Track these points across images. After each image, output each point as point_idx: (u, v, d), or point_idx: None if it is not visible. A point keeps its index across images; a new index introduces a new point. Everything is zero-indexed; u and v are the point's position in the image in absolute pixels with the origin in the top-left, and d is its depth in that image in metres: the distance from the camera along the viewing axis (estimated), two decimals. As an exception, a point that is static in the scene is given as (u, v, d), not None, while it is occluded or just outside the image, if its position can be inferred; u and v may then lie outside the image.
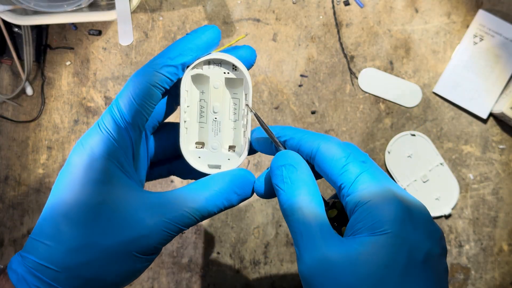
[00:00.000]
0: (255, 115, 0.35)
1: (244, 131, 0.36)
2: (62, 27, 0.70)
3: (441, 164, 0.69)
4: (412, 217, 0.29)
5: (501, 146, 0.70)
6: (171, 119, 0.39)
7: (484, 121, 0.70)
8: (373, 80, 0.70)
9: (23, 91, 0.70)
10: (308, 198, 0.31)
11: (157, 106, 0.36)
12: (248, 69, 0.37)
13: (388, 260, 0.27)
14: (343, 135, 0.70)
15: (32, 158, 0.70)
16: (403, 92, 0.70)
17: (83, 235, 0.30)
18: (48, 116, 0.71)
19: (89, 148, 0.31)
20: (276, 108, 0.70)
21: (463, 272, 0.70)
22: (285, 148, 0.34)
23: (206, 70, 0.34)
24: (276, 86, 0.70)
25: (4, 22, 0.66)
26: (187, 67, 0.34)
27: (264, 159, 0.70)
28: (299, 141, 0.33)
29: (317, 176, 0.34)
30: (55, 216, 0.30)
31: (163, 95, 0.35)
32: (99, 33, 0.71)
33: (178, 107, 0.36)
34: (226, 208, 0.33)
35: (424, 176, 0.69)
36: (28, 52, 0.68)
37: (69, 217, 0.30)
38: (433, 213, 0.69)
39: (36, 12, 0.60)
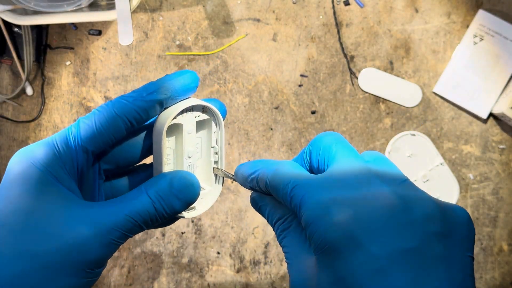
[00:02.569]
0: (224, 173, 0.36)
1: (215, 167, 0.36)
2: (62, 27, 0.70)
3: (441, 164, 0.69)
4: (365, 217, 0.27)
5: (501, 146, 0.70)
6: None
7: (484, 121, 0.70)
8: (373, 80, 0.70)
9: (23, 91, 0.70)
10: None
11: (122, 148, 0.35)
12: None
13: (331, 276, 0.27)
14: (343, 135, 0.70)
15: (32, 158, 0.70)
16: (403, 92, 0.70)
17: (14, 243, 0.29)
18: (48, 116, 0.71)
19: (31, 156, 0.31)
20: (276, 108, 0.70)
21: (463, 272, 0.70)
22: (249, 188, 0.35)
23: (180, 118, 0.34)
24: (276, 86, 0.70)
25: (4, 22, 0.66)
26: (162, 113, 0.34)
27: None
28: (257, 174, 0.33)
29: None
30: None
31: (133, 134, 0.35)
32: (99, 33, 0.71)
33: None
34: (170, 213, 0.32)
35: (424, 176, 0.69)
36: (28, 52, 0.68)
37: (1, 225, 0.29)
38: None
39: (36, 12, 0.60)
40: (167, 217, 0.32)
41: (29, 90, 0.70)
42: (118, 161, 0.36)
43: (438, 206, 0.28)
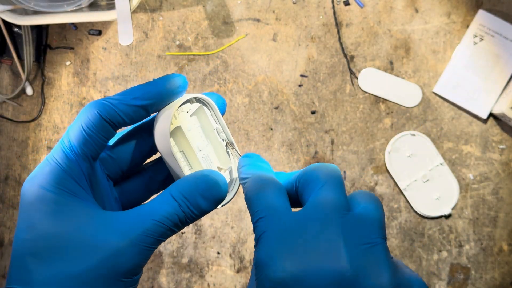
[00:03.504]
0: (236, 152, 0.37)
1: (229, 150, 0.37)
2: (62, 27, 0.70)
3: (441, 164, 0.69)
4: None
5: (501, 146, 0.70)
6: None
7: (484, 121, 0.70)
8: (373, 80, 0.70)
9: (23, 91, 0.70)
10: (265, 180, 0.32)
11: (121, 154, 0.35)
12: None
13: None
14: (343, 135, 0.70)
15: (32, 158, 0.70)
16: (403, 92, 0.70)
17: (49, 269, 0.29)
18: (48, 116, 0.71)
19: (39, 181, 0.30)
20: (276, 108, 0.70)
21: (463, 272, 0.70)
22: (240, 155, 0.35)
23: (175, 122, 0.34)
24: (276, 86, 0.70)
25: (4, 22, 0.66)
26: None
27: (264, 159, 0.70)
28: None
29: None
30: (17, 257, 0.29)
31: (130, 136, 0.35)
32: (99, 33, 0.71)
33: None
34: (199, 214, 0.32)
35: (424, 176, 0.69)
36: (28, 52, 0.68)
37: (31, 254, 0.29)
38: (433, 213, 0.69)
39: (36, 12, 0.60)
40: (197, 217, 0.32)
41: (29, 90, 0.70)
42: (121, 166, 0.36)
43: (392, 280, 0.26)
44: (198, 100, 0.35)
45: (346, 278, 0.25)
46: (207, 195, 0.32)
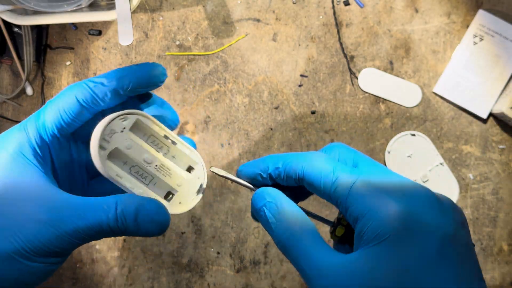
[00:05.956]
0: (218, 175, 0.36)
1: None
2: (62, 27, 0.70)
3: (441, 164, 0.69)
4: (414, 209, 0.28)
5: (501, 146, 0.70)
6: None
7: (484, 121, 0.70)
8: (373, 80, 0.70)
9: (23, 91, 0.70)
10: (297, 232, 0.30)
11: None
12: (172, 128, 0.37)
13: (396, 265, 0.26)
14: (343, 135, 0.70)
15: (32, 158, 0.70)
16: (403, 92, 0.70)
17: None
18: (48, 116, 0.71)
19: (4, 145, 0.31)
20: (276, 108, 0.70)
21: (463, 272, 0.70)
22: (256, 187, 0.34)
23: (109, 145, 0.33)
24: (276, 86, 0.70)
25: (4, 22, 0.66)
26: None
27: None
28: (284, 169, 0.32)
29: (309, 192, 0.34)
30: None
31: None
32: (99, 33, 0.71)
33: None
34: (137, 235, 0.31)
35: (424, 176, 0.69)
36: (28, 52, 0.68)
37: None
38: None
39: (36, 12, 0.60)
40: (127, 234, 0.32)
41: (29, 90, 0.70)
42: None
43: (447, 198, 0.30)
44: (130, 115, 0.34)
45: (435, 201, 0.30)
46: (144, 229, 0.31)
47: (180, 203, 0.35)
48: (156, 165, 0.34)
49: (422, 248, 0.27)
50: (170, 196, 0.35)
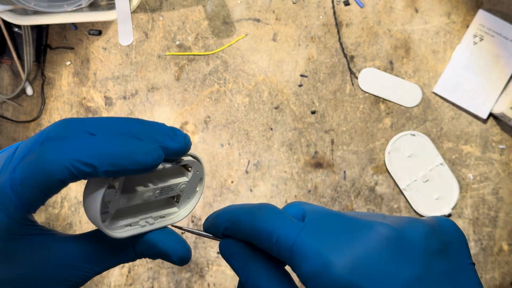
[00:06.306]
0: (183, 229, 0.35)
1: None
2: (62, 27, 0.70)
3: (441, 164, 0.69)
4: (364, 261, 0.25)
5: (501, 146, 0.70)
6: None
7: (484, 121, 0.70)
8: (373, 80, 0.70)
9: (23, 91, 0.70)
10: (263, 274, 0.30)
11: None
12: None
13: None
14: (343, 135, 0.70)
15: (32, 158, 0.70)
16: (403, 92, 0.70)
17: None
18: (48, 116, 0.71)
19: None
20: (276, 108, 0.70)
21: (463, 272, 0.70)
22: (220, 238, 0.33)
23: (108, 215, 0.30)
24: (276, 86, 0.70)
25: (4, 22, 0.66)
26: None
27: (264, 159, 0.70)
28: (232, 231, 0.31)
29: None
30: None
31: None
32: (99, 33, 0.71)
33: None
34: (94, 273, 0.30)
35: (424, 176, 0.69)
36: (28, 52, 0.68)
37: None
38: (433, 213, 0.69)
39: (36, 12, 0.61)
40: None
41: (29, 90, 0.70)
42: None
43: (427, 223, 0.27)
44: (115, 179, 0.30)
45: (394, 240, 0.25)
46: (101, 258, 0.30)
47: (188, 198, 0.36)
48: (157, 192, 0.33)
49: None
50: (177, 198, 0.35)
